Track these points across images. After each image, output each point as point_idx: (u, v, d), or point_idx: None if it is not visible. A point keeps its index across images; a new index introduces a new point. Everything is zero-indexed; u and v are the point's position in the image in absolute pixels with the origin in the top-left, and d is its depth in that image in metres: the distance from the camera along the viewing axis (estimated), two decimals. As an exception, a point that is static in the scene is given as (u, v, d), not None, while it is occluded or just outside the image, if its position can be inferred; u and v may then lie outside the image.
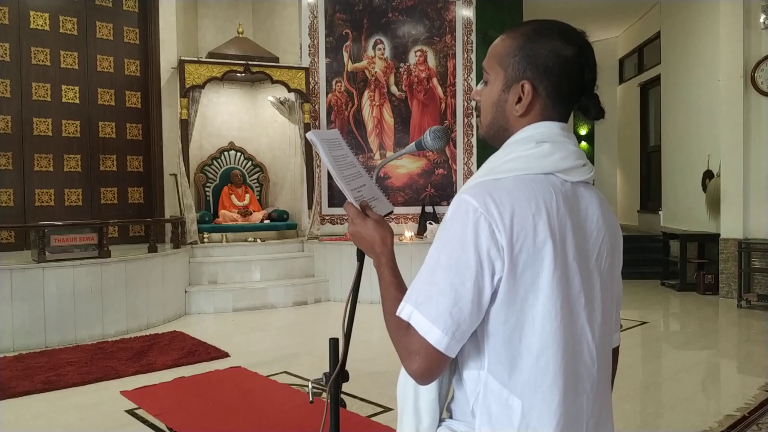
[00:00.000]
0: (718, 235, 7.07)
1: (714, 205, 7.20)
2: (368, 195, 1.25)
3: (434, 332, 0.98)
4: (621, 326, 4.42)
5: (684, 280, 7.46)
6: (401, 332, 1.03)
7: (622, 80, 11.51)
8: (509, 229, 0.98)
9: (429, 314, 0.99)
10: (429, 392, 1.14)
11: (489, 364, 1.03)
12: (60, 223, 5.76)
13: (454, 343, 0.99)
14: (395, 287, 1.11)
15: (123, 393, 3.83)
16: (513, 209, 0.99)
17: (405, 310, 1.02)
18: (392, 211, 1.31)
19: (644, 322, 5.82)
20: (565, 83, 1.08)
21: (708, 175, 7.47)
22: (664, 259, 8.10)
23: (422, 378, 1.02)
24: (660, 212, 9.37)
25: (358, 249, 1.23)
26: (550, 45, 1.07)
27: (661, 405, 3.73)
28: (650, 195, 10.42)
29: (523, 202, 1.00)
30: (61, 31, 6.89)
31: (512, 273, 0.98)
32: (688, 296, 7.18)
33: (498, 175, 1.05)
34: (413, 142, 1.30)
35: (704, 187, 7.52)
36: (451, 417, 1.14)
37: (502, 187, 1.02)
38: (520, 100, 1.09)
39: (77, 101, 7.00)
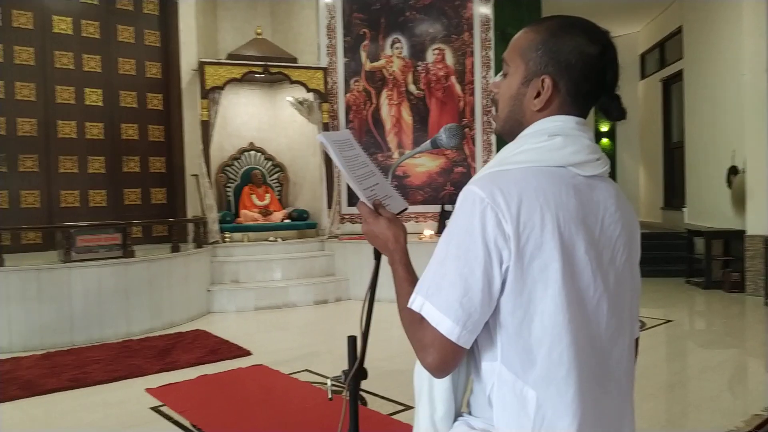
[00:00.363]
0: (744, 231, 6.95)
1: (739, 201, 7.08)
2: (381, 193, 1.26)
3: (446, 322, 0.99)
4: (644, 324, 4.35)
5: (709, 278, 7.35)
6: (415, 326, 1.04)
7: (643, 76, 11.36)
8: (516, 219, 0.98)
9: (439, 305, 1.00)
10: (443, 381, 1.14)
11: (502, 356, 1.02)
12: (85, 223, 5.86)
13: (466, 333, 0.99)
14: (409, 283, 1.12)
15: (148, 390, 3.89)
16: (520, 199, 0.99)
17: (416, 302, 1.03)
18: (407, 208, 1.31)
19: (669, 321, 5.74)
20: (585, 81, 1.08)
21: (733, 170, 7.34)
22: (688, 257, 7.98)
23: (438, 371, 1.03)
24: (684, 209, 9.23)
25: (374, 247, 1.24)
26: (575, 42, 1.06)
27: (687, 404, 3.68)
28: (674, 192, 10.26)
29: (531, 192, 1.00)
30: (84, 34, 7.00)
31: (519, 262, 0.98)
32: (713, 294, 7.07)
33: (507, 166, 1.05)
34: (428, 141, 1.30)
35: (729, 183, 7.40)
36: (470, 413, 1.14)
37: (510, 178, 1.02)
38: (539, 94, 1.08)
39: (100, 104, 7.11)
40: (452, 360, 1.01)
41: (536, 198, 1.00)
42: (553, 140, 1.06)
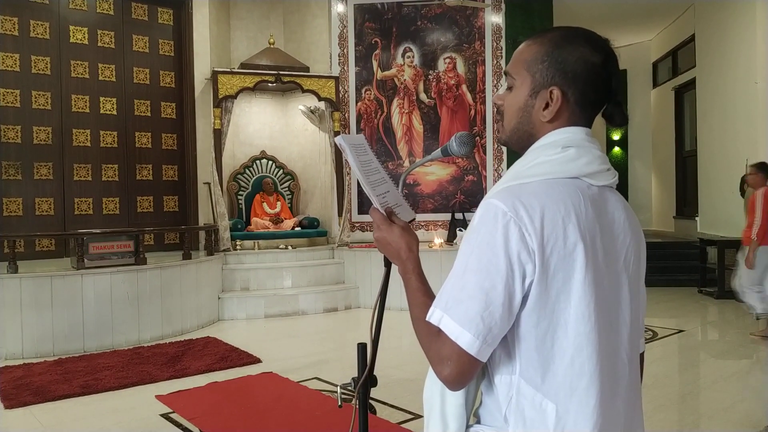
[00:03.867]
0: (758, 241, 6.88)
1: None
2: (392, 201, 1.26)
3: (465, 336, 0.98)
4: (656, 334, 4.33)
5: (722, 288, 7.27)
6: (432, 338, 1.03)
7: (655, 84, 11.32)
8: (540, 233, 0.98)
9: (459, 318, 0.99)
10: (456, 397, 1.13)
11: (521, 369, 1.02)
12: (98, 231, 5.92)
13: (485, 347, 0.99)
14: (423, 293, 1.11)
15: (158, 397, 3.91)
16: (543, 212, 0.99)
17: (435, 315, 1.02)
18: (414, 219, 1.31)
19: (681, 331, 5.69)
20: (592, 90, 1.09)
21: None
22: (701, 266, 7.91)
23: (454, 383, 1.02)
24: (697, 218, 9.16)
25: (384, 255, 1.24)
26: (579, 52, 1.08)
27: (699, 415, 3.64)
28: (686, 200, 10.19)
29: (552, 205, 1.00)
30: (99, 44, 7.10)
31: (543, 276, 0.98)
32: (726, 304, 6.99)
33: (524, 179, 1.06)
34: (439, 149, 1.30)
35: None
36: (479, 422, 1.14)
37: (530, 191, 1.02)
38: (547, 105, 1.09)
39: (114, 112, 7.19)
40: (469, 373, 1.01)
41: (557, 210, 1.00)
42: (567, 152, 1.07)
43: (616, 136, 11.87)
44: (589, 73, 1.07)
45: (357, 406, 1.28)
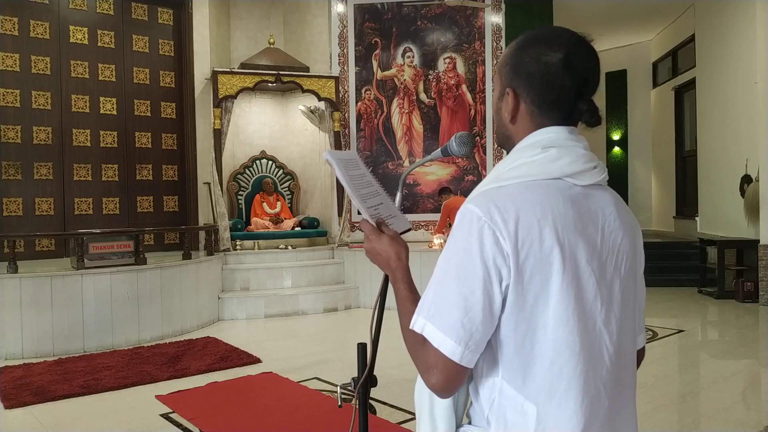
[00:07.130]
0: (758, 241, 6.88)
1: (753, 210, 7.01)
2: (385, 213, 1.26)
3: (448, 343, 0.98)
4: (656, 334, 4.31)
5: (722, 288, 7.27)
6: (418, 346, 1.03)
7: (656, 84, 11.31)
8: (514, 236, 0.97)
9: (441, 326, 0.99)
10: (444, 399, 1.13)
11: (503, 371, 1.02)
12: (98, 231, 5.92)
13: (468, 353, 0.99)
14: (411, 302, 1.11)
15: (158, 397, 3.91)
16: (518, 215, 0.99)
17: (418, 323, 1.03)
18: (410, 229, 1.31)
19: (681, 331, 5.69)
20: (549, 89, 1.06)
21: (746, 179, 7.28)
22: (701, 266, 7.91)
23: (442, 391, 1.02)
24: (697, 218, 9.16)
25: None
26: (534, 52, 1.07)
27: (699, 415, 3.64)
28: (686, 200, 10.19)
29: (528, 208, 1.00)
30: (99, 44, 7.10)
31: (519, 280, 0.98)
32: (726, 304, 7.00)
33: (503, 182, 1.05)
34: (439, 149, 1.31)
35: (742, 192, 7.34)
36: (470, 423, 1.14)
37: (506, 194, 1.02)
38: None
39: (114, 112, 7.19)
40: (456, 380, 1.01)
41: (533, 212, 0.99)
42: (547, 152, 1.06)
43: (616, 136, 11.86)
44: (543, 72, 1.05)
45: (357, 406, 1.29)
